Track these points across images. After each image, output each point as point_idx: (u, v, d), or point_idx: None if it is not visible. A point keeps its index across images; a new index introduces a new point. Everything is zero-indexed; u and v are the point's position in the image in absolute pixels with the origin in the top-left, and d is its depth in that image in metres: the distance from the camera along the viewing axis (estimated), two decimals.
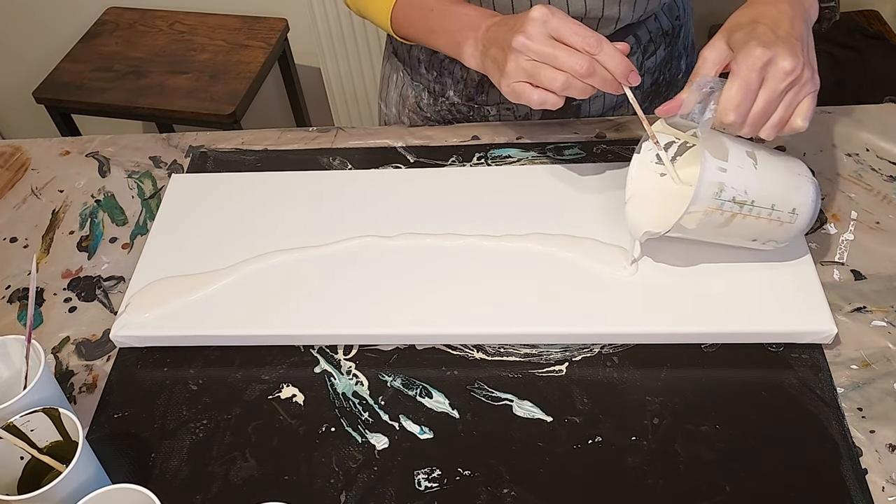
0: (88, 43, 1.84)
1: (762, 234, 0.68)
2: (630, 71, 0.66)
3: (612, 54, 0.66)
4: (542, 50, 0.66)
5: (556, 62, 0.66)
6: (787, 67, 0.61)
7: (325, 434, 0.67)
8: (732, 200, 0.64)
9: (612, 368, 0.69)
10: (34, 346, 0.65)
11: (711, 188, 0.63)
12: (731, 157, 0.65)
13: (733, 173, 0.64)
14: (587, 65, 0.65)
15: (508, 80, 0.69)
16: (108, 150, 0.95)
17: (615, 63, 0.66)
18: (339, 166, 0.89)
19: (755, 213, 0.65)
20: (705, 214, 0.64)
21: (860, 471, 0.61)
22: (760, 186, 0.65)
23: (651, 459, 0.63)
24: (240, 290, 0.75)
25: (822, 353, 0.68)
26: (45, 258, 0.84)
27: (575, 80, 0.66)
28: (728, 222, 0.66)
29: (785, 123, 0.63)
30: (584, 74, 0.66)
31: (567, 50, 0.66)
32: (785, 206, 0.66)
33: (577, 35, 0.65)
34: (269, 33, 1.81)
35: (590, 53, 0.66)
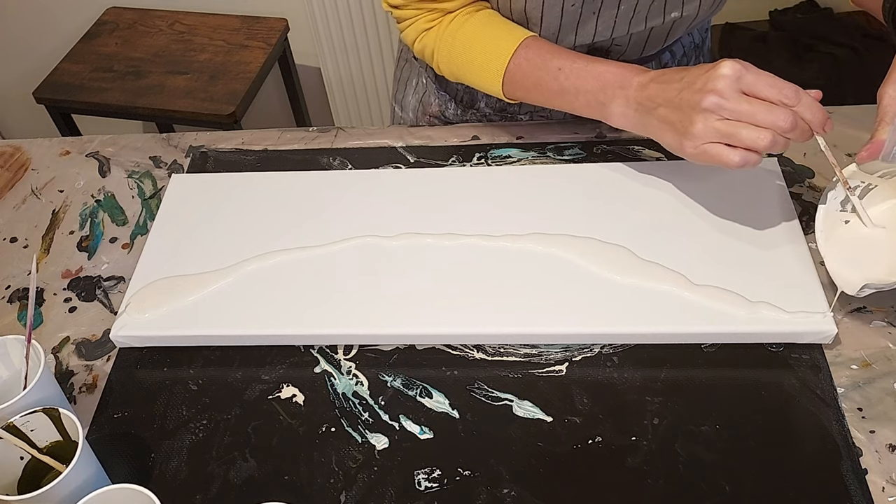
0: (88, 43, 1.84)
1: None
2: (826, 119, 0.65)
3: (810, 104, 0.64)
4: (738, 108, 0.64)
5: (756, 119, 0.64)
6: None
7: (325, 434, 0.67)
8: None
9: (612, 368, 0.69)
10: (34, 346, 0.65)
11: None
12: None
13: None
14: (791, 119, 0.63)
15: (696, 141, 0.66)
16: (108, 150, 0.96)
17: (813, 113, 0.64)
18: (339, 166, 0.89)
19: None
20: None
21: (860, 471, 0.61)
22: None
23: (651, 459, 0.63)
24: (240, 290, 0.75)
25: (822, 353, 0.68)
26: (45, 258, 0.84)
27: (780, 137, 0.64)
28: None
29: None
30: (788, 130, 0.63)
31: (766, 106, 0.64)
32: None
33: (774, 88, 0.64)
34: (269, 33, 1.81)
35: (788, 106, 0.63)
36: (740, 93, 0.64)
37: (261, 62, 1.74)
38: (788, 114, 0.63)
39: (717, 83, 0.65)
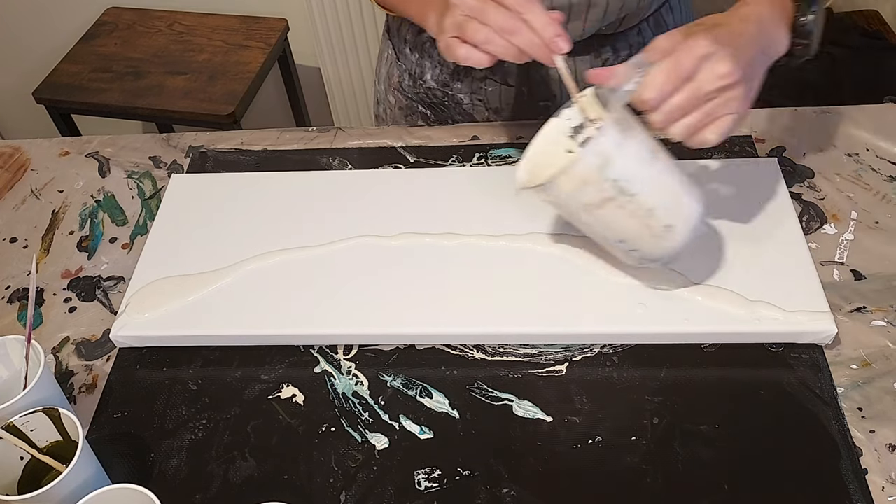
0: (88, 43, 1.84)
1: (630, 237, 0.65)
2: (557, 35, 0.64)
3: (539, 16, 0.64)
4: (473, 4, 0.65)
5: (482, 16, 0.65)
6: (722, 70, 0.59)
7: (324, 434, 0.67)
8: (614, 181, 0.60)
9: (612, 368, 0.69)
10: (34, 346, 0.65)
11: (600, 157, 0.60)
12: (632, 140, 0.61)
13: (627, 156, 0.61)
14: (511, 21, 0.64)
15: (443, 35, 0.68)
16: (108, 151, 0.95)
17: (541, 24, 0.64)
18: (339, 166, 0.89)
19: (630, 208, 0.62)
20: (583, 183, 0.61)
21: (860, 471, 0.61)
22: (646, 184, 0.62)
23: (650, 459, 0.63)
24: (239, 290, 0.75)
25: (822, 353, 0.68)
26: (44, 258, 0.84)
27: (497, 36, 0.65)
28: (601, 205, 0.62)
29: (698, 130, 0.61)
30: (507, 31, 0.64)
31: (495, 6, 0.64)
32: (663, 217, 0.63)
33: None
34: (268, 33, 1.81)
35: (517, 12, 0.64)
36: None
37: (260, 62, 1.74)
38: (511, 16, 0.64)
39: None
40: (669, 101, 0.60)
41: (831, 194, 0.81)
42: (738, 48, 0.61)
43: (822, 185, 0.82)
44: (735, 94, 0.60)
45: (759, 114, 0.90)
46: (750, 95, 0.62)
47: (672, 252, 0.66)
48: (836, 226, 0.78)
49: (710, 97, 0.60)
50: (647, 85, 0.60)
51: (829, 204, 0.80)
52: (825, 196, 0.81)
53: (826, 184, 0.82)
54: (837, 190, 0.81)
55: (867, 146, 0.85)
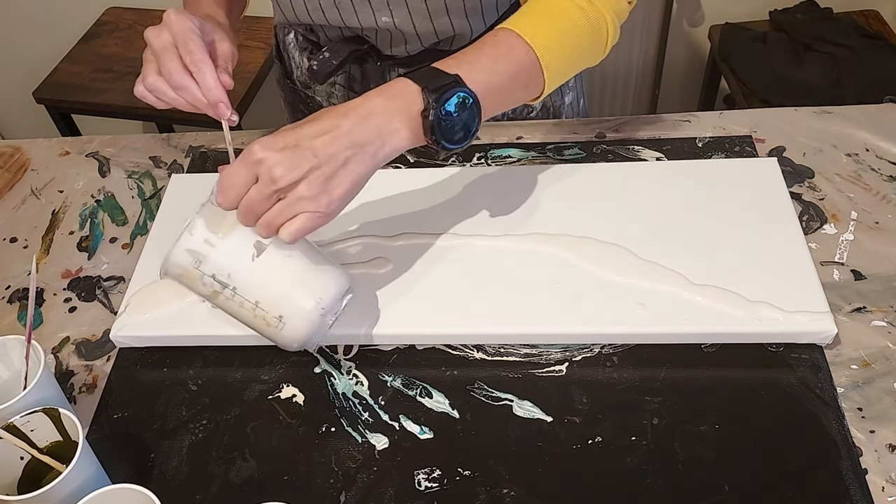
0: (88, 43, 1.84)
1: (255, 325, 0.66)
2: (218, 101, 0.67)
3: (207, 76, 0.66)
4: (156, 48, 0.67)
5: (159, 63, 0.67)
6: (274, 174, 0.58)
7: (324, 434, 0.67)
8: (213, 277, 0.63)
9: (612, 368, 0.69)
10: (34, 346, 0.65)
11: (188, 256, 0.63)
12: (232, 237, 0.63)
13: (223, 253, 0.63)
14: (177, 78, 0.66)
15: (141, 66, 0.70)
16: (108, 150, 0.96)
17: (206, 88, 0.66)
18: None
19: (237, 300, 0.64)
20: (190, 278, 0.64)
21: (860, 471, 0.61)
22: (248, 277, 0.63)
23: (650, 459, 0.63)
24: None
25: (822, 353, 0.68)
26: (45, 258, 0.84)
27: (166, 86, 0.67)
28: (214, 297, 0.65)
29: (275, 229, 0.61)
30: (174, 85, 0.67)
31: (173, 57, 0.66)
32: (271, 308, 0.64)
33: (185, 48, 0.66)
34: (269, 33, 1.81)
35: (190, 70, 0.66)
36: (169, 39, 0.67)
37: (261, 62, 1.74)
38: (181, 73, 0.66)
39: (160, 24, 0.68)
40: (241, 204, 0.61)
41: (831, 194, 0.81)
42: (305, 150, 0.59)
43: (822, 185, 0.82)
44: (298, 194, 0.59)
45: (759, 114, 0.90)
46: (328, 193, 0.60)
47: (296, 340, 0.66)
48: (836, 226, 0.78)
49: (275, 198, 0.60)
50: (218, 189, 0.61)
51: (829, 204, 0.80)
52: (825, 196, 0.81)
53: (826, 184, 0.82)
54: (837, 190, 0.81)
55: (867, 146, 0.85)
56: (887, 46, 1.66)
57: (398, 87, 0.63)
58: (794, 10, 1.74)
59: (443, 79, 0.63)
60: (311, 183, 0.59)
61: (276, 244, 0.64)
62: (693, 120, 0.90)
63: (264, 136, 0.61)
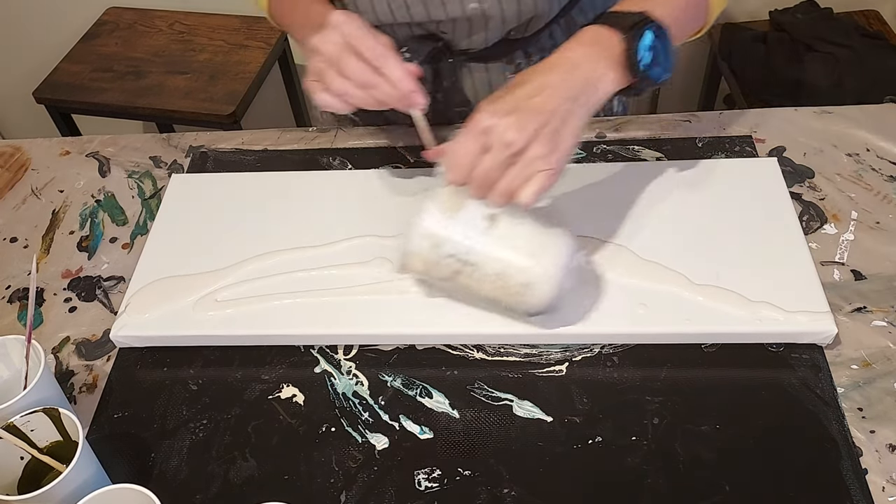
0: (88, 43, 1.84)
1: (497, 298, 0.66)
2: (411, 91, 0.66)
3: (394, 70, 0.65)
4: (332, 53, 0.66)
5: (340, 68, 0.66)
6: (507, 139, 0.59)
7: (325, 434, 0.67)
8: (453, 257, 0.64)
9: (612, 368, 0.69)
10: (34, 346, 0.65)
11: (426, 240, 0.64)
12: (463, 215, 0.64)
13: (458, 231, 0.64)
14: (367, 76, 0.65)
15: (307, 77, 0.69)
16: (108, 150, 0.95)
17: (396, 79, 0.65)
18: (339, 166, 0.89)
19: (478, 276, 0.65)
20: (426, 263, 0.65)
21: (860, 471, 0.61)
22: (486, 251, 0.64)
23: (651, 459, 0.63)
24: (240, 290, 0.75)
25: (822, 353, 0.68)
26: (45, 258, 0.84)
27: (355, 88, 0.66)
28: (453, 277, 0.66)
29: (512, 195, 0.61)
30: (363, 85, 0.66)
31: (355, 58, 0.65)
32: (514, 277, 0.64)
33: (365, 46, 0.65)
34: (269, 33, 1.81)
35: (374, 66, 0.65)
36: (341, 42, 0.66)
37: (261, 62, 1.74)
38: (368, 70, 0.65)
39: (325, 28, 0.67)
40: (473, 176, 0.61)
41: (831, 194, 0.81)
42: (529, 110, 0.60)
43: (822, 185, 0.82)
44: (532, 154, 0.60)
45: (759, 114, 0.90)
46: (557, 148, 0.60)
47: (542, 304, 0.66)
48: (836, 226, 0.78)
49: (509, 163, 0.60)
50: (447, 166, 0.62)
51: (829, 204, 0.80)
52: (825, 196, 0.81)
53: (826, 184, 0.82)
54: (837, 190, 0.81)
55: (867, 146, 0.85)
56: (887, 46, 1.66)
57: (592, 34, 0.64)
58: (794, 10, 1.73)
59: (632, 17, 0.64)
60: (541, 141, 0.60)
61: (506, 213, 0.65)
62: (693, 120, 0.90)
63: (483, 107, 0.61)
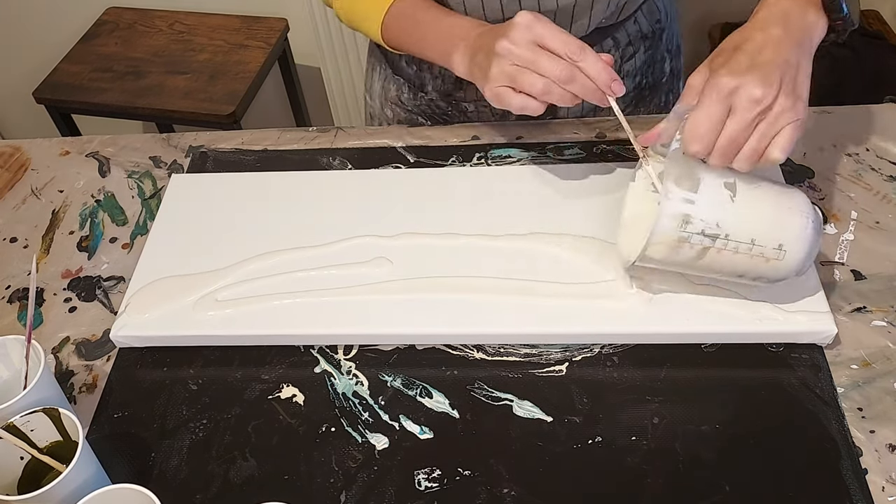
0: (88, 43, 1.84)
1: (747, 270, 0.65)
2: (613, 80, 0.66)
3: (594, 62, 0.65)
4: (524, 55, 0.66)
5: (537, 67, 0.66)
6: (755, 95, 0.59)
7: (324, 434, 0.67)
8: (702, 233, 0.62)
9: (612, 368, 0.69)
10: (34, 346, 0.65)
11: (674, 220, 0.62)
12: (702, 188, 0.62)
13: (703, 205, 0.62)
14: (568, 71, 0.65)
15: (491, 84, 0.69)
16: (108, 150, 0.95)
17: (597, 71, 0.65)
18: (339, 166, 0.89)
19: (731, 247, 0.63)
20: (671, 248, 0.63)
21: (860, 471, 0.61)
22: (736, 219, 0.62)
23: (651, 459, 0.63)
24: (240, 291, 0.75)
25: (822, 353, 0.68)
26: (45, 258, 0.84)
27: (555, 85, 0.66)
28: (701, 256, 0.64)
29: (760, 155, 0.61)
30: (564, 80, 0.65)
31: (549, 56, 0.66)
32: (768, 241, 0.63)
33: (560, 41, 0.65)
34: (269, 33, 1.81)
35: (572, 60, 0.65)
36: (532, 42, 0.66)
37: (261, 62, 1.74)
38: (567, 66, 0.65)
39: (511, 30, 0.67)
40: (718, 143, 0.60)
41: (831, 194, 0.81)
42: (764, 65, 0.60)
43: (822, 185, 0.82)
44: (779, 107, 0.60)
45: None
46: (800, 94, 0.61)
47: (798, 265, 0.65)
48: (836, 226, 0.78)
49: (755, 122, 0.60)
50: (688, 139, 0.61)
51: (829, 204, 0.80)
52: (825, 196, 0.81)
53: (826, 184, 0.82)
54: (837, 190, 0.81)
55: (867, 146, 0.85)
56: (887, 46, 1.66)
57: None
58: None
59: None
60: (785, 93, 0.60)
61: (741, 179, 0.64)
62: None
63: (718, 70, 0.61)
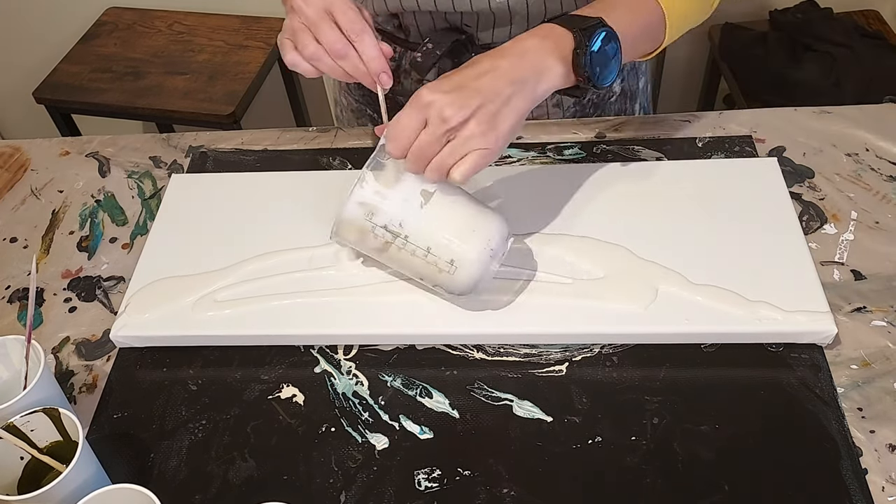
0: (88, 43, 1.84)
1: (425, 275, 0.68)
2: (382, 71, 0.67)
3: (369, 47, 0.66)
4: (310, 17, 0.67)
5: (316, 32, 0.67)
6: (444, 115, 0.61)
7: (324, 434, 0.67)
8: (385, 227, 0.66)
9: (612, 368, 0.69)
10: (34, 346, 0.65)
11: (361, 208, 0.65)
12: (399, 187, 0.65)
13: (393, 202, 0.65)
14: (340, 46, 0.66)
15: (281, 34, 0.70)
16: (108, 151, 0.95)
17: (369, 57, 0.66)
18: (339, 166, 0.89)
19: (409, 249, 0.66)
20: (359, 232, 0.67)
21: (860, 471, 0.61)
22: (418, 225, 0.65)
23: (650, 459, 0.63)
24: (239, 290, 0.75)
25: (822, 353, 0.68)
26: (45, 258, 0.84)
27: (325, 55, 0.67)
28: (385, 249, 0.67)
29: (444, 171, 0.63)
30: (335, 54, 0.66)
31: (330, 25, 0.66)
32: (442, 253, 0.66)
33: (346, 18, 0.66)
34: (268, 33, 1.81)
35: (350, 38, 0.66)
36: (323, 9, 0.67)
37: (260, 62, 1.74)
38: (342, 41, 0.66)
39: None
40: (410, 150, 0.63)
41: (831, 194, 0.81)
42: (472, 90, 0.62)
43: (822, 185, 0.82)
44: (468, 132, 0.61)
45: (759, 114, 0.90)
46: (495, 129, 0.62)
47: (467, 284, 0.67)
48: (836, 226, 0.78)
49: (447, 139, 0.62)
50: (388, 138, 0.63)
51: (829, 204, 0.80)
52: (825, 196, 0.81)
53: (826, 184, 0.82)
54: (837, 190, 0.81)
55: (867, 146, 0.85)
56: (887, 46, 1.66)
57: (547, 29, 0.66)
58: (793, 10, 1.74)
59: (588, 20, 0.66)
60: (479, 121, 0.61)
61: (442, 190, 0.66)
62: (693, 120, 0.90)
63: (429, 83, 0.63)
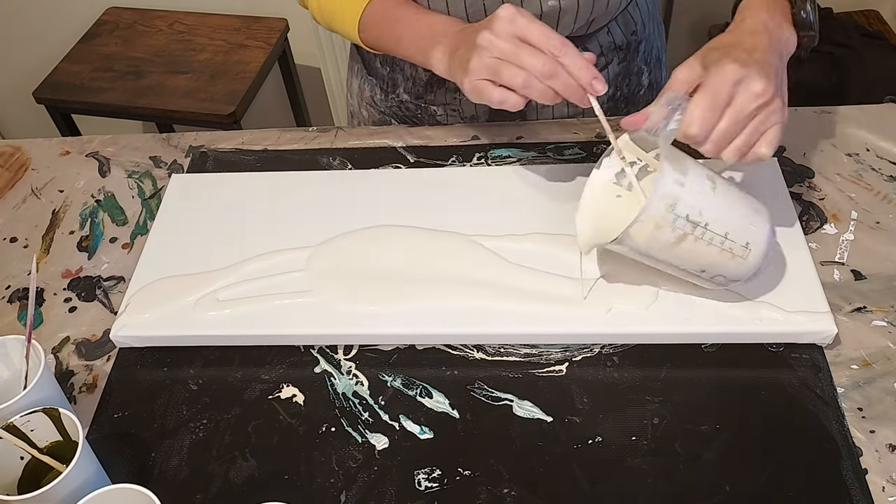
0: (88, 43, 1.84)
1: (712, 264, 0.65)
2: (594, 78, 0.65)
3: (575, 58, 0.65)
4: (506, 47, 0.65)
5: (519, 60, 0.65)
6: (757, 89, 0.61)
7: (324, 434, 0.67)
8: (686, 218, 0.62)
9: (612, 368, 0.69)
10: (34, 346, 0.65)
11: (666, 199, 0.61)
12: (690, 174, 0.63)
13: (691, 190, 0.62)
14: (549, 66, 0.64)
15: (471, 77, 0.68)
16: (108, 150, 0.95)
17: (578, 68, 0.65)
18: (339, 166, 0.89)
19: (707, 237, 0.63)
20: (656, 228, 0.62)
21: (860, 471, 0.61)
22: (717, 211, 0.63)
23: (651, 459, 0.63)
24: (240, 290, 0.75)
25: (822, 353, 0.68)
26: (45, 258, 0.84)
27: (535, 80, 0.65)
28: (678, 242, 0.63)
29: (750, 148, 0.63)
30: (545, 75, 0.65)
31: (531, 49, 0.65)
32: (739, 237, 0.64)
33: (543, 36, 0.65)
34: (269, 33, 1.81)
35: (553, 55, 0.65)
36: (514, 36, 0.66)
37: (261, 62, 1.74)
38: (549, 60, 0.65)
39: (493, 23, 0.66)
40: (716, 131, 0.62)
41: (831, 194, 0.81)
42: (761, 63, 0.62)
43: (822, 185, 0.82)
44: (773, 106, 0.63)
45: None
46: (786, 100, 0.64)
47: (754, 267, 0.66)
48: (836, 226, 0.78)
49: (752, 116, 0.62)
50: (691, 121, 0.61)
51: (829, 204, 0.80)
52: (825, 196, 0.81)
53: (826, 184, 0.82)
54: (837, 190, 0.81)
55: (867, 146, 0.85)
56: (887, 46, 1.66)
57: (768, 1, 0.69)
58: None
59: None
60: (779, 93, 0.63)
61: (719, 176, 0.65)
62: None
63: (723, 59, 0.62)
